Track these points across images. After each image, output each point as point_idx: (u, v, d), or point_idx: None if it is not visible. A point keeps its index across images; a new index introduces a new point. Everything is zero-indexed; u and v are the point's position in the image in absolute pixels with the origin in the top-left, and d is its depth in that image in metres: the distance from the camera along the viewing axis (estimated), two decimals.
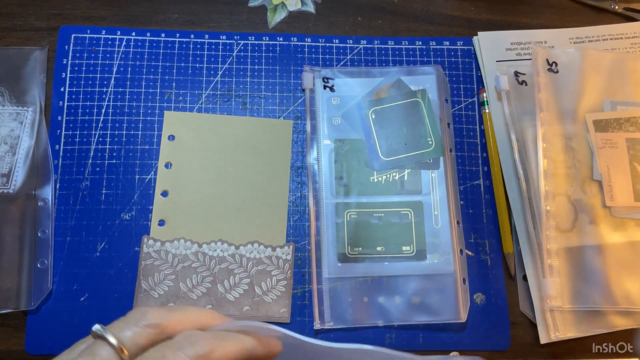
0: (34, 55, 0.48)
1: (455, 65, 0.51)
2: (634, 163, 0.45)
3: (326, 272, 0.44)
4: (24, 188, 0.44)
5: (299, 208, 0.46)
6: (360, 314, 0.43)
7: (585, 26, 0.52)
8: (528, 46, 0.51)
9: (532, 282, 0.44)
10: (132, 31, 0.50)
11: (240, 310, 0.43)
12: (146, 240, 0.44)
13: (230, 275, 0.44)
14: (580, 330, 0.42)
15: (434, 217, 0.45)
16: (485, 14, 0.53)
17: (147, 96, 0.48)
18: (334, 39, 0.51)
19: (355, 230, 0.45)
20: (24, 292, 0.42)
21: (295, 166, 0.47)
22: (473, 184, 0.48)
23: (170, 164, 0.46)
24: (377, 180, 0.46)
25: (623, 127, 0.45)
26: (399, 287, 0.43)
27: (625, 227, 0.44)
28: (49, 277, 0.43)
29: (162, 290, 0.43)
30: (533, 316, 0.44)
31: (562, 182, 0.44)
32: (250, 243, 0.45)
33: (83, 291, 0.43)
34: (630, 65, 0.48)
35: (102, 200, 0.45)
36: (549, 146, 0.44)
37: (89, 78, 0.48)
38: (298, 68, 0.50)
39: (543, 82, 0.46)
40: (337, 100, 0.48)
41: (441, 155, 0.46)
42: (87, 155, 0.46)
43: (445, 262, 0.44)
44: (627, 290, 0.42)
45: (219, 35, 0.50)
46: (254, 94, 0.49)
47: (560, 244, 0.43)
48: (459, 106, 0.50)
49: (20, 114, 0.46)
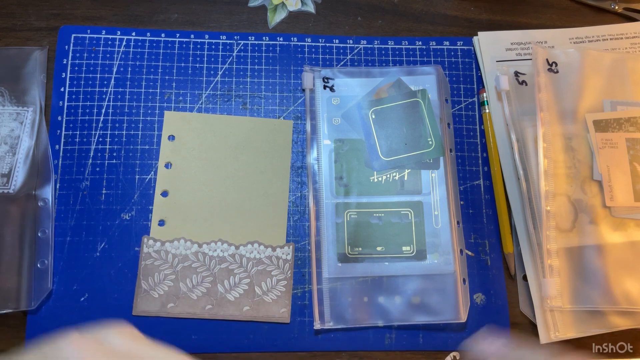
0: (34, 55, 0.48)
1: (455, 65, 0.51)
2: (634, 163, 0.45)
3: (326, 272, 0.44)
4: (24, 188, 0.44)
5: (299, 208, 0.46)
6: (360, 314, 0.43)
7: (585, 26, 0.52)
8: (528, 46, 0.51)
9: (532, 282, 0.44)
10: (132, 31, 0.50)
11: (240, 310, 0.43)
12: (146, 240, 0.44)
13: (230, 275, 0.44)
14: (580, 330, 0.42)
15: (434, 217, 0.45)
16: (485, 14, 0.53)
17: (147, 96, 0.48)
18: (334, 39, 0.51)
19: (355, 230, 0.45)
20: (24, 293, 0.42)
21: (295, 166, 0.47)
22: (473, 184, 0.48)
23: (170, 164, 0.46)
24: (377, 180, 0.46)
25: (623, 127, 0.45)
26: (399, 287, 0.43)
27: (625, 227, 0.44)
28: (49, 277, 0.43)
29: (162, 290, 0.43)
30: (533, 316, 0.44)
31: (562, 182, 0.44)
32: (250, 243, 0.45)
33: (83, 291, 0.43)
34: (630, 65, 0.48)
35: (102, 200, 0.45)
36: (549, 146, 0.44)
37: (89, 78, 0.48)
38: (298, 68, 0.50)
39: (543, 82, 0.46)
40: (337, 100, 0.48)
41: (441, 155, 0.46)
42: (87, 155, 0.46)
43: (445, 262, 0.44)
44: (627, 290, 0.42)
45: (219, 35, 0.50)
46: (254, 94, 0.49)
47: (560, 244, 0.43)
48: (459, 106, 0.50)
49: (20, 114, 0.46)
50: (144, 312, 0.43)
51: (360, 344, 0.43)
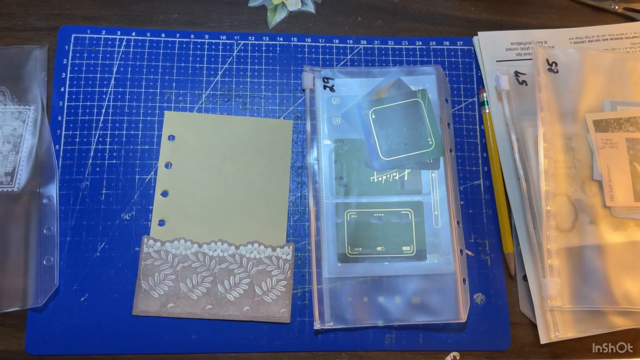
0: (34, 54, 0.48)
1: (455, 65, 0.51)
2: (634, 163, 0.45)
3: (326, 272, 0.44)
4: (28, 186, 0.44)
5: (299, 208, 0.46)
6: (360, 314, 0.43)
7: (585, 26, 0.52)
8: (528, 46, 0.51)
9: (532, 282, 0.44)
10: (132, 31, 0.50)
11: (241, 310, 0.43)
12: (146, 240, 0.44)
13: (230, 275, 0.44)
14: (580, 330, 0.42)
15: (434, 217, 0.45)
16: (485, 14, 0.53)
17: (147, 96, 0.48)
18: (334, 39, 0.51)
19: (355, 230, 0.45)
20: (31, 290, 0.42)
21: (295, 166, 0.47)
22: (473, 184, 0.48)
23: (170, 164, 0.46)
24: (377, 180, 0.46)
25: (623, 127, 0.45)
26: (399, 287, 0.43)
27: (625, 227, 0.44)
28: (55, 274, 0.43)
29: (162, 290, 0.43)
30: (533, 316, 0.44)
31: (562, 182, 0.44)
32: (250, 243, 0.45)
33: (83, 291, 0.43)
34: (630, 65, 0.48)
35: (102, 200, 0.45)
36: (550, 146, 0.44)
37: (89, 78, 0.48)
38: (298, 68, 0.50)
39: (543, 82, 0.46)
40: (337, 100, 0.48)
41: (441, 155, 0.46)
42: (87, 155, 0.46)
43: (445, 262, 0.44)
44: (627, 290, 0.42)
45: (219, 35, 0.50)
46: (254, 94, 0.49)
47: (560, 244, 0.43)
48: (459, 106, 0.50)
49: (22, 113, 0.46)
50: (144, 312, 0.43)
51: (360, 344, 0.43)
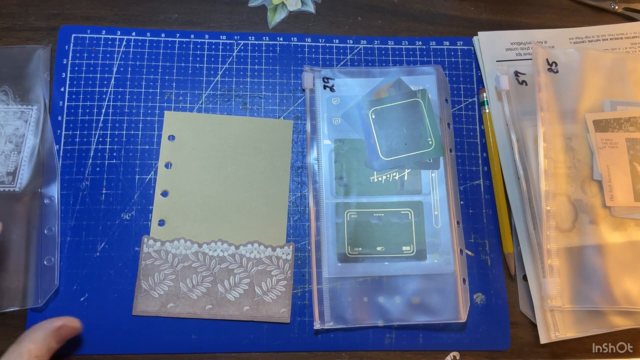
0: (37, 54, 0.48)
1: (455, 65, 0.51)
2: (634, 163, 0.45)
3: (326, 272, 0.44)
4: (30, 186, 0.44)
5: (299, 208, 0.46)
6: (360, 314, 0.43)
7: (585, 26, 0.52)
8: (528, 46, 0.51)
9: (532, 282, 0.44)
10: (132, 31, 0.50)
11: (241, 310, 0.43)
12: (146, 240, 0.44)
13: (230, 275, 0.44)
14: (580, 330, 0.42)
15: (434, 217, 0.45)
16: (485, 14, 0.53)
17: (147, 96, 0.48)
18: (334, 39, 0.51)
19: (355, 230, 0.45)
20: (31, 290, 0.42)
21: (295, 166, 0.47)
22: (473, 184, 0.48)
23: (170, 164, 0.46)
24: (377, 180, 0.46)
25: (623, 127, 0.45)
26: (399, 287, 0.43)
27: (625, 227, 0.44)
28: (56, 274, 0.43)
29: (162, 290, 0.43)
30: (533, 316, 0.44)
31: (562, 182, 0.44)
32: (250, 243, 0.45)
33: (83, 291, 0.43)
34: (630, 65, 0.48)
35: (102, 200, 0.45)
36: (550, 146, 0.44)
37: (89, 78, 0.48)
38: (298, 68, 0.50)
39: (543, 82, 0.46)
40: (337, 100, 0.48)
41: (441, 155, 0.46)
42: (87, 155, 0.46)
43: (445, 262, 0.44)
44: (627, 290, 0.42)
45: (219, 35, 0.50)
46: (254, 94, 0.49)
47: (560, 244, 0.43)
48: (459, 106, 0.50)
49: (24, 113, 0.46)
50: (144, 312, 0.43)
51: (360, 344, 0.43)
